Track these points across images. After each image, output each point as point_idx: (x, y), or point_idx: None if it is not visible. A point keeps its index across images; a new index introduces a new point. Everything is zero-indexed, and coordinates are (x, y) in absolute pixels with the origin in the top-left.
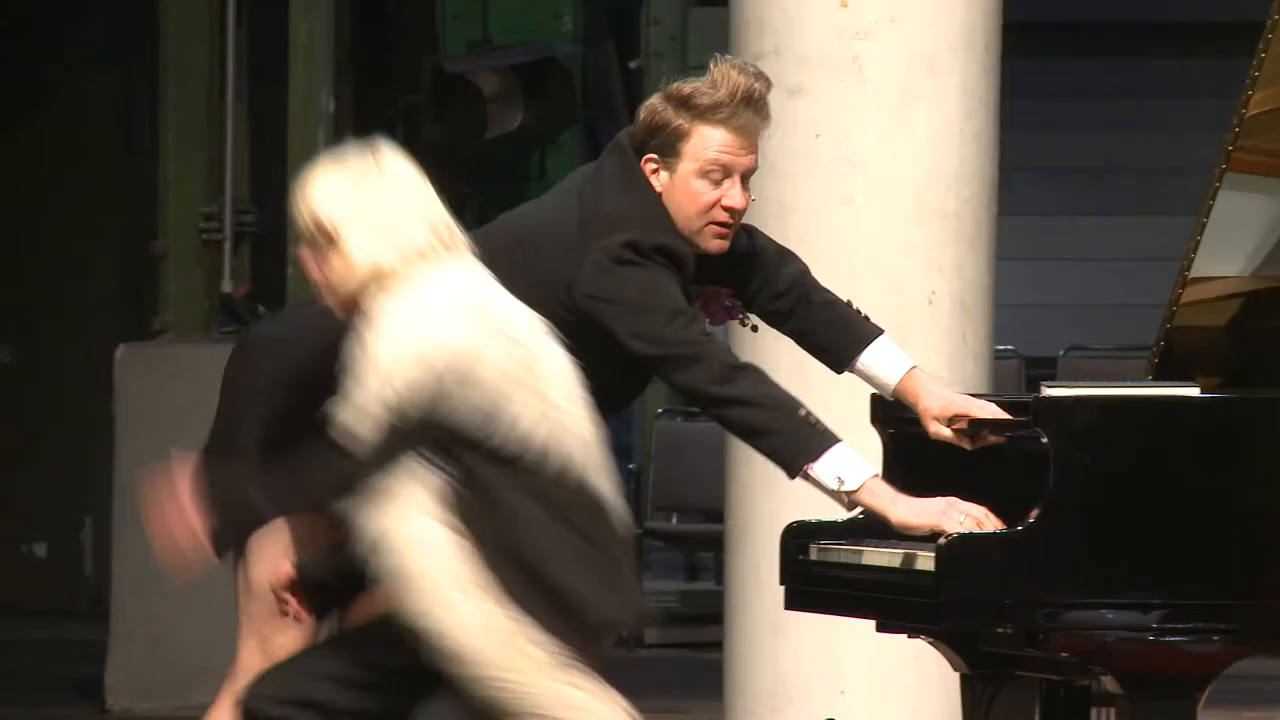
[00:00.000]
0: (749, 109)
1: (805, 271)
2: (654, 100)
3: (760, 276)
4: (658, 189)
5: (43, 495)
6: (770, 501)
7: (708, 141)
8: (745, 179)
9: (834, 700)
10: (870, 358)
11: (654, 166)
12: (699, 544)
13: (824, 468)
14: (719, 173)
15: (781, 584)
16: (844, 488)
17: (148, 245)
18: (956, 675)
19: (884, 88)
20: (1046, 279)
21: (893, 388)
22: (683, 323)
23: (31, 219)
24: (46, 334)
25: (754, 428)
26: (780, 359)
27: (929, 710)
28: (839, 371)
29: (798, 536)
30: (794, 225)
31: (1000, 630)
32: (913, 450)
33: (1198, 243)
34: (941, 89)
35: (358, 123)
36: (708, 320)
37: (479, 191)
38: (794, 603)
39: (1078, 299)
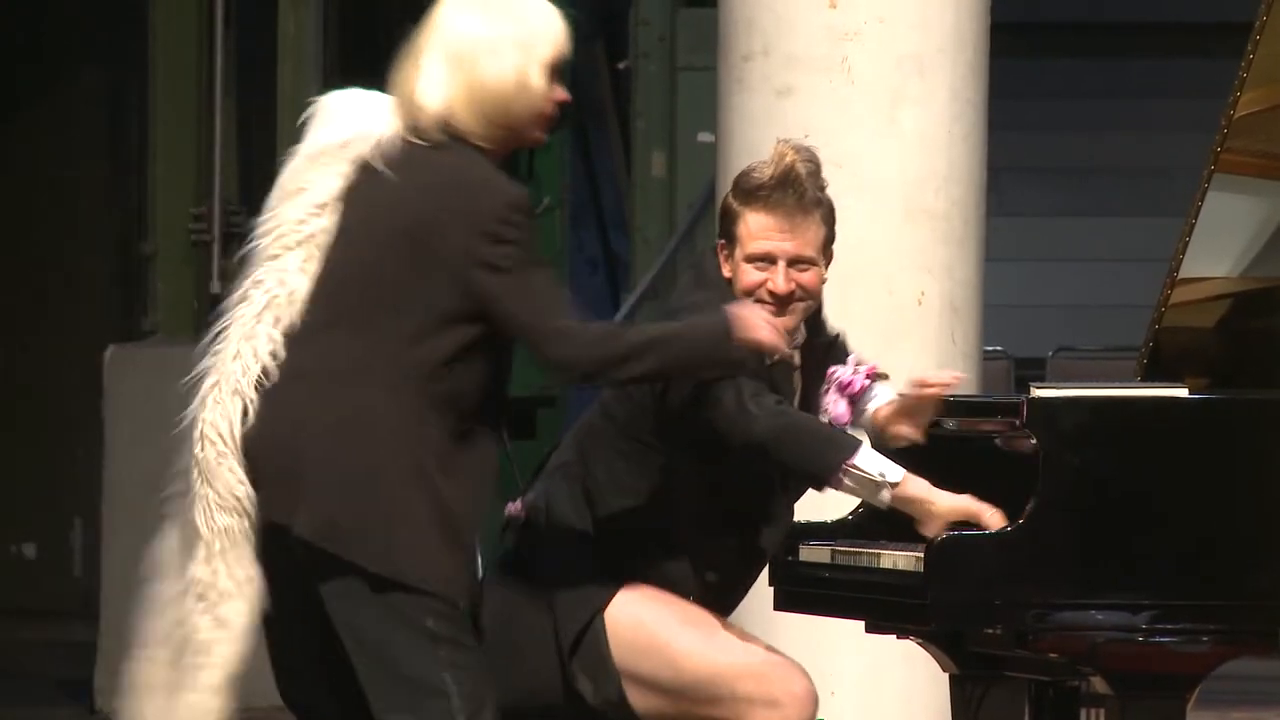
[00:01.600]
0: (785, 190)
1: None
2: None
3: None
4: (728, 274)
5: (32, 496)
6: None
7: (750, 227)
8: (797, 263)
9: (824, 701)
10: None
11: (724, 252)
12: None
13: (866, 463)
14: (761, 258)
15: (770, 585)
16: (887, 481)
17: (137, 246)
18: (946, 676)
19: (873, 89)
20: (1035, 280)
21: (876, 427)
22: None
23: (20, 220)
24: (36, 335)
25: (788, 439)
26: None
27: (918, 711)
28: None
29: (787, 538)
30: None
31: (989, 631)
32: (901, 451)
33: (1186, 244)
34: (930, 90)
35: None
36: (846, 401)
37: None
38: (783, 604)
39: (1066, 300)
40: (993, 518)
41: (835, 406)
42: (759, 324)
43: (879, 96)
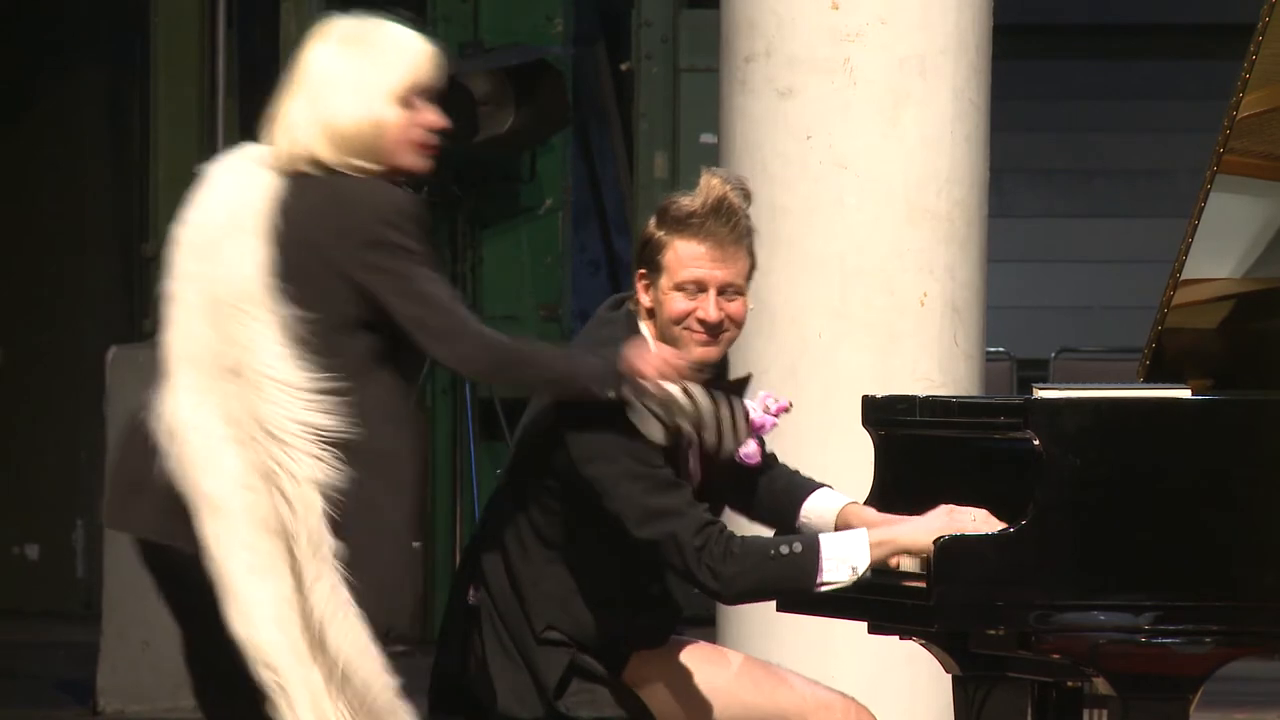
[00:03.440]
0: (719, 220)
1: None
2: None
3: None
4: (648, 304)
5: (35, 497)
6: None
7: (680, 255)
8: (726, 291)
9: None
10: (809, 506)
11: (644, 282)
12: None
13: (834, 574)
14: (693, 286)
15: None
16: (861, 571)
17: (139, 247)
18: (948, 677)
19: (875, 89)
20: (1037, 281)
21: (833, 524)
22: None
23: (23, 220)
24: (38, 335)
25: (760, 593)
26: (774, 362)
27: (921, 712)
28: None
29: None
30: (786, 227)
31: (992, 632)
32: (904, 452)
33: (1189, 245)
34: (932, 91)
35: None
36: (755, 440)
37: (470, 194)
38: (785, 605)
39: (1068, 301)
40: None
41: (745, 449)
42: (651, 360)
43: (881, 97)
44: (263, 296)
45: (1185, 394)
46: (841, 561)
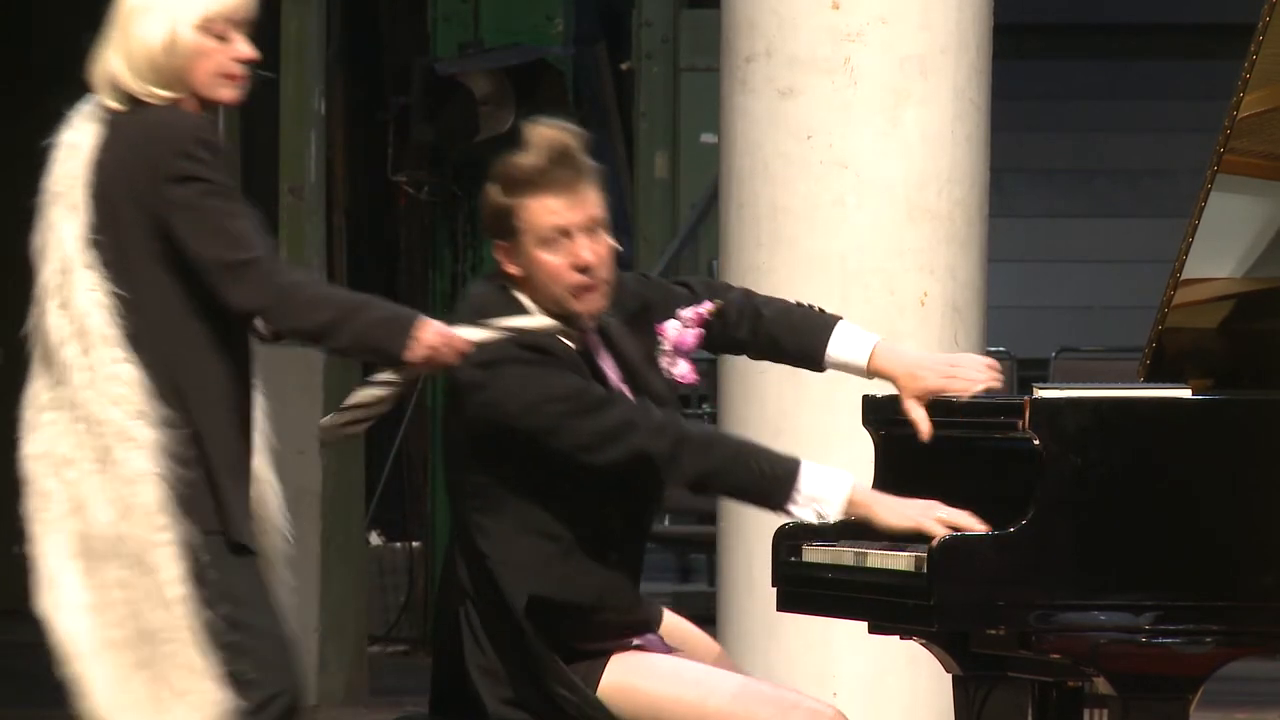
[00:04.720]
0: (563, 167)
1: (747, 293)
2: (487, 184)
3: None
4: (516, 272)
5: None
6: None
7: (535, 212)
8: (592, 230)
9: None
10: (835, 348)
11: (504, 253)
12: (692, 546)
13: (801, 512)
14: (557, 236)
15: (774, 586)
16: (828, 519)
17: None
18: (949, 677)
19: (876, 89)
20: (1038, 281)
21: (865, 369)
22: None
23: (22, 220)
24: None
25: (723, 495)
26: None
27: (922, 712)
28: (819, 370)
29: (790, 538)
30: (786, 227)
31: (993, 632)
32: (904, 451)
33: (1189, 244)
34: (933, 91)
35: (349, 124)
36: (685, 360)
37: (470, 194)
38: (786, 604)
39: (1069, 300)
40: (938, 529)
41: (678, 369)
42: (444, 340)
43: (881, 97)
44: (77, 260)
45: (1186, 394)
46: (811, 502)
